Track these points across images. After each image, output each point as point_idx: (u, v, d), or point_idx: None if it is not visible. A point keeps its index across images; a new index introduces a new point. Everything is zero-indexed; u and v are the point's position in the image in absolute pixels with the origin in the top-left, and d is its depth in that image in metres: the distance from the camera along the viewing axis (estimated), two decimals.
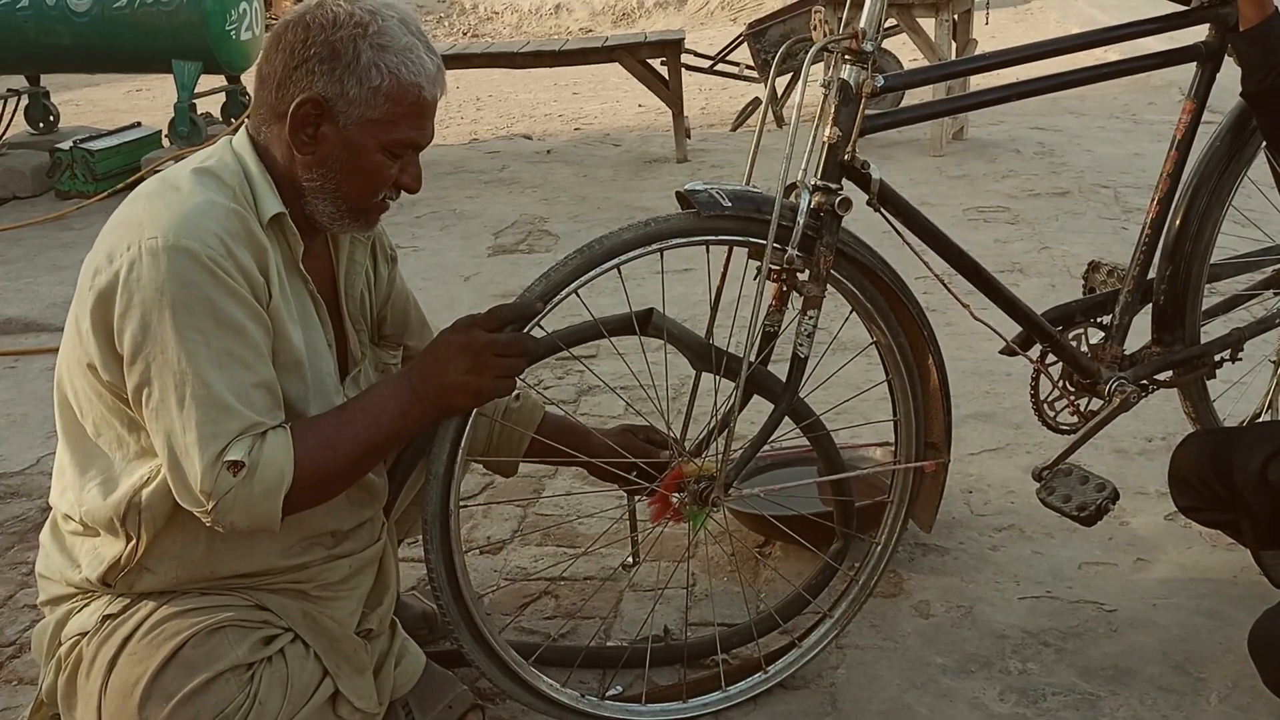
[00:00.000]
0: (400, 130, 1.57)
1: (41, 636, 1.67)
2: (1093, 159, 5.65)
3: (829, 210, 1.73)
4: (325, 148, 1.56)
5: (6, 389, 3.48)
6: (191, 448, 1.45)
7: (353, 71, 1.52)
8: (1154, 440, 2.77)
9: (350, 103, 1.53)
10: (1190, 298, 2.15)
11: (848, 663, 2.03)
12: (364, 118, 1.54)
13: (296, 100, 1.53)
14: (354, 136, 1.55)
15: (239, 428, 1.47)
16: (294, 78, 1.54)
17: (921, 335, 1.89)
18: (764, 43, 6.78)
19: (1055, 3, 11.61)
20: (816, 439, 2.04)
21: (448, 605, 1.72)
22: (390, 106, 1.54)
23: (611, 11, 13.80)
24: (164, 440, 1.47)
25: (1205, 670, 1.98)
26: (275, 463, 1.48)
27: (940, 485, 2.01)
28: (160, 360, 1.45)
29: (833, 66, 1.76)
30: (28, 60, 6.13)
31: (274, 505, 1.48)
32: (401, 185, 1.63)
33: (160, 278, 1.44)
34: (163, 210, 1.49)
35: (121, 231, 1.50)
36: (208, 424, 1.46)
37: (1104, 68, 2.01)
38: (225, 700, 1.51)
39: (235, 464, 1.46)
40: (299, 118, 1.54)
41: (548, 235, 4.86)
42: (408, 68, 1.54)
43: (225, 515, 1.47)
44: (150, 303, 1.44)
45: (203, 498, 1.46)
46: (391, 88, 1.54)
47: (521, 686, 1.81)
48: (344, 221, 1.63)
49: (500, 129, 7.77)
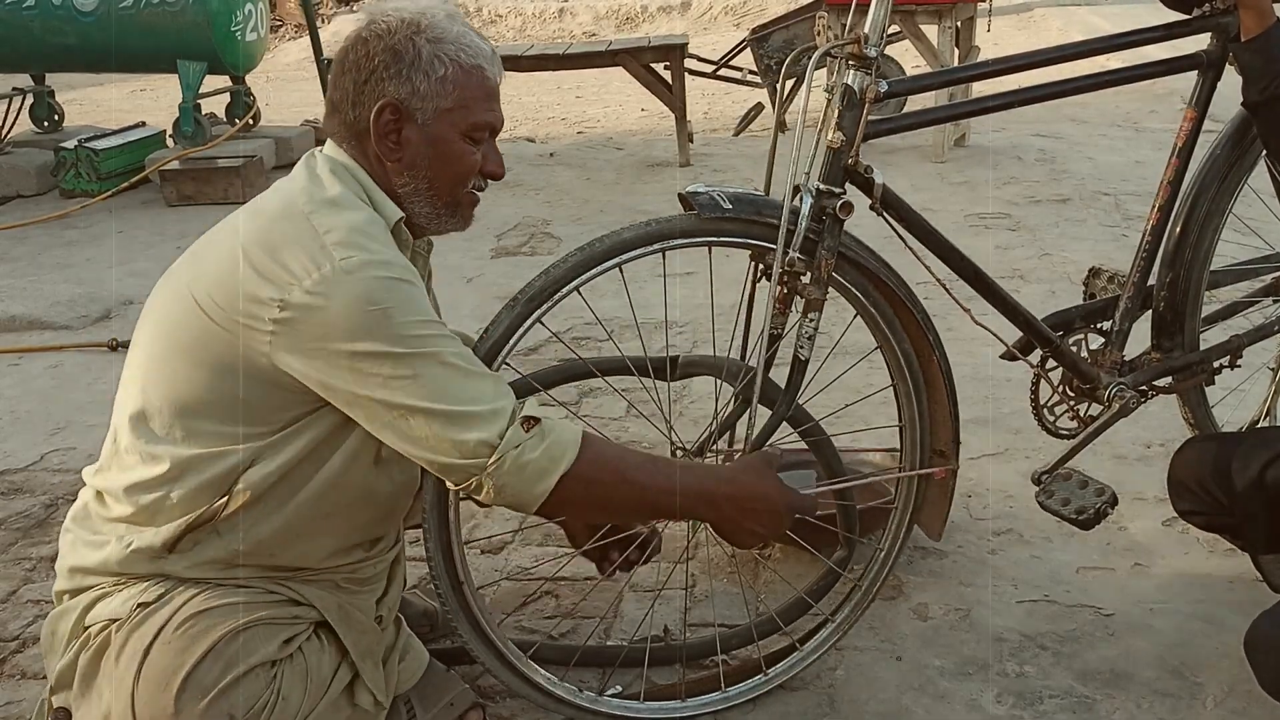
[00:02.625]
0: (475, 113, 1.63)
1: (58, 620, 1.66)
2: (1094, 166, 5.67)
3: (831, 214, 1.74)
4: (411, 149, 1.62)
5: (10, 386, 3.49)
6: (475, 402, 1.49)
7: (417, 68, 1.58)
8: (1153, 446, 2.78)
9: (423, 98, 1.59)
10: (1190, 304, 2.16)
11: (846, 664, 2.04)
12: (439, 109, 1.60)
13: (375, 109, 1.59)
14: (435, 130, 1.61)
15: (493, 387, 1.52)
16: (366, 91, 1.60)
17: (927, 340, 1.89)
18: (767, 48, 6.78)
19: (1057, 10, 11.62)
20: (816, 444, 2.05)
21: (447, 595, 1.73)
22: (460, 92, 1.61)
23: (615, 16, 13.80)
24: (428, 411, 1.48)
25: (1201, 674, 1.99)
26: (564, 439, 1.53)
27: (949, 493, 2.00)
28: (395, 357, 1.48)
29: (836, 72, 1.78)
30: (33, 59, 6.15)
31: (548, 482, 1.51)
32: (487, 172, 1.69)
33: (369, 290, 1.47)
34: (341, 228, 1.52)
35: (298, 250, 1.50)
36: (481, 381, 1.52)
37: (1105, 75, 2.02)
38: (255, 695, 1.54)
39: (531, 419, 1.51)
40: (380, 126, 1.60)
41: (550, 238, 4.87)
42: (466, 53, 1.61)
43: (502, 475, 1.50)
44: (369, 313, 1.47)
45: (486, 449, 1.49)
46: (456, 74, 1.60)
47: (520, 679, 1.82)
48: (442, 219, 1.69)
49: (503, 132, 7.78)
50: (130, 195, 5.77)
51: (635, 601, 2.25)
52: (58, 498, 2.75)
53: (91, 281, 4.42)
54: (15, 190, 5.94)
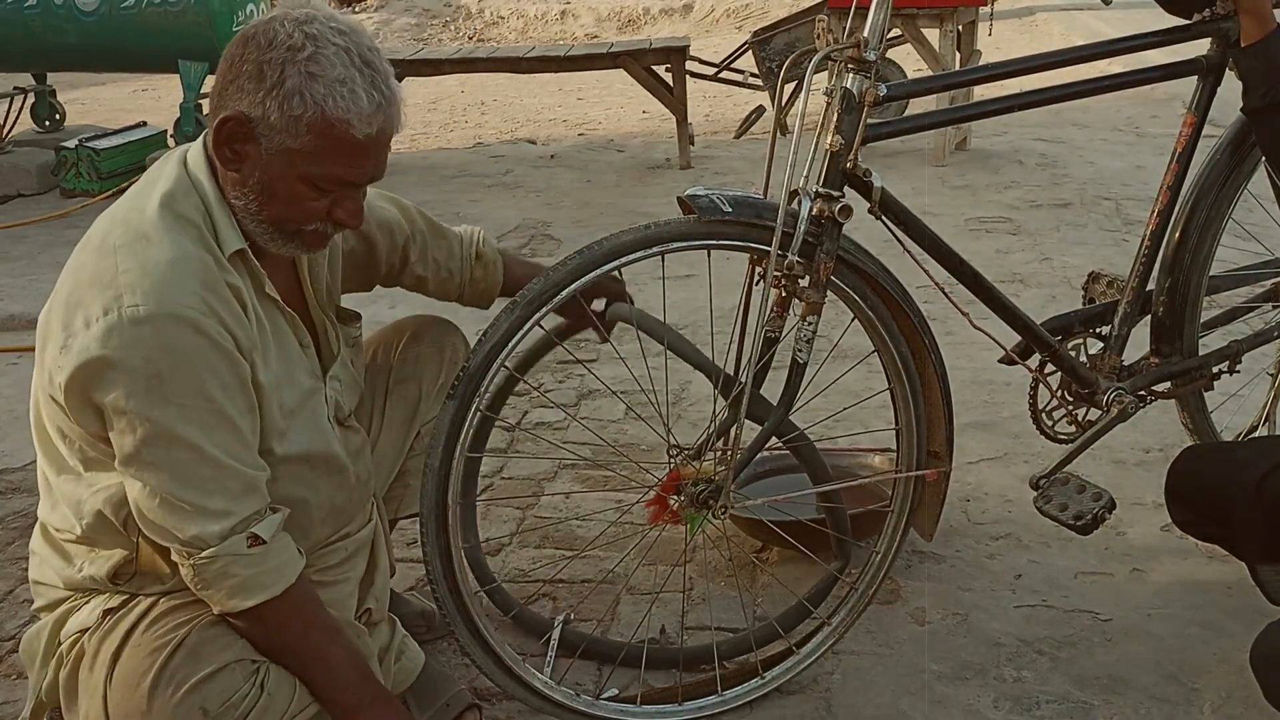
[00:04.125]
0: (323, 165, 1.49)
1: (35, 640, 1.67)
2: (1095, 171, 5.67)
3: (830, 217, 1.74)
4: (247, 167, 1.51)
5: (9, 385, 3.49)
6: (209, 497, 1.46)
7: (275, 96, 1.45)
8: (1151, 451, 2.78)
9: (272, 128, 1.47)
10: (1189, 310, 2.16)
11: (843, 668, 2.04)
12: (284, 146, 1.48)
13: (220, 116, 1.49)
14: (275, 164, 1.49)
15: (239, 486, 1.48)
16: (228, 92, 1.49)
17: (923, 344, 1.89)
18: (768, 51, 6.78)
19: (1059, 15, 11.62)
20: (801, 454, 2.05)
21: (444, 599, 1.73)
22: (313, 139, 1.47)
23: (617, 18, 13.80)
24: (155, 494, 1.46)
25: (1199, 680, 1.99)
26: (279, 572, 1.52)
27: (942, 494, 2.01)
28: (149, 426, 1.43)
29: (836, 75, 1.77)
30: (34, 58, 6.15)
31: (242, 603, 1.50)
32: (335, 220, 1.56)
33: (146, 347, 1.42)
34: (137, 270, 1.44)
35: (96, 291, 1.45)
36: (228, 478, 1.48)
37: (1106, 80, 2.02)
38: (231, 689, 1.50)
39: (256, 538, 1.49)
40: (222, 133, 1.49)
41: (550, 240, 4.87)
42: (335, 101, 1.46)
43: (205, 573, 1.48)
44: (138, 371, 1.42)
45: (197, 545, 1.47)
46: (315, 119, 1.46)
47: (517, 683, 1.82)
48: (278, 244, 1.57)
49: (504, 133, 7.78)
50: None
51: (633, 604, 2.24)
52: None
53: None
54: (16, 189, 5.94)
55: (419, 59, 6.59)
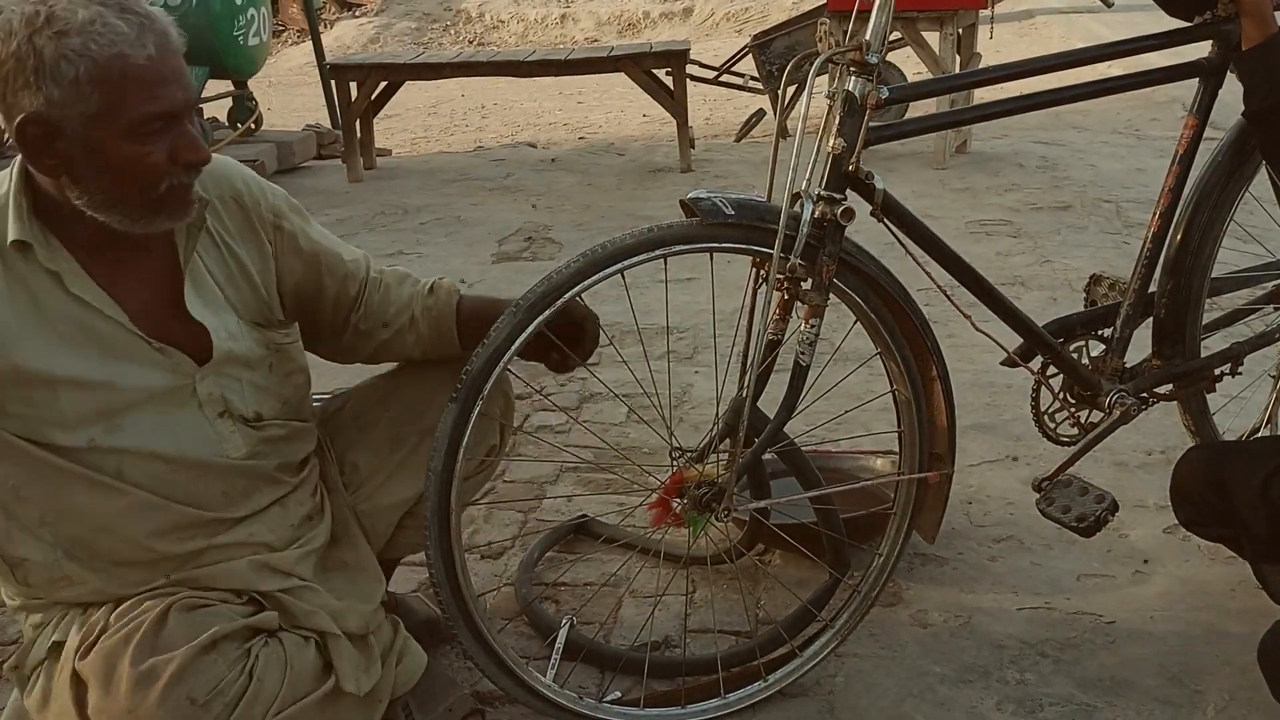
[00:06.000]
0: (128, 110, 1.40)
1: (12, 669, 1.66)
2: (1095, 174, 5.67)
3: (832, 220, 1.74)
4: (72, 163, 1.42)
5: None
6: None
7: (43, 74, 1.37)
8: (1154, 453, 2.78)
9: (61, 107, 1.38)
10: (1191, 312, 2.16)
11: (846, 671, 2.04)
12: (84, 115, 1.39)
13: (15, 127, 1.40)
14: (91, 139, 1.40)
15: None
16: (8, 104, 1.40)
17: (925, 346, 1.90)
18: (769, 54, 6.79)
19: (1059, 18, 11.64)
20: (790, 456, 2.05)
21: (447, 602, 1.73)
22: (102, 91, 1.38)
23: (617, 22, 13.83)
24: None
25: (1202, 682, 1.98)
26: None
27: (944, 496, 2.01)
28: None
29: (837, 78, 1.78)
30: None
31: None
32: (180, 161, 1.46)
33: None
34: None
35: None
36: None
37: (1106, 82, 2.02)
38: (217, 677, 1.45)
39: None
40: (27, 143, 1.41)
41: (551, 243, 4.87)
42: (96, 43, 1.37)
43: None
44: None
45: None
46: (91, 71, 1.37)
47: (520, 686, 1.82)
48: (146, 222, 1.49)
49: (505, 137, 7.79)
50: None
51: (635, 607, 2.24)
52: None
53: None
54: None
55: (419, 63, 6.60)
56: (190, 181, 1.51)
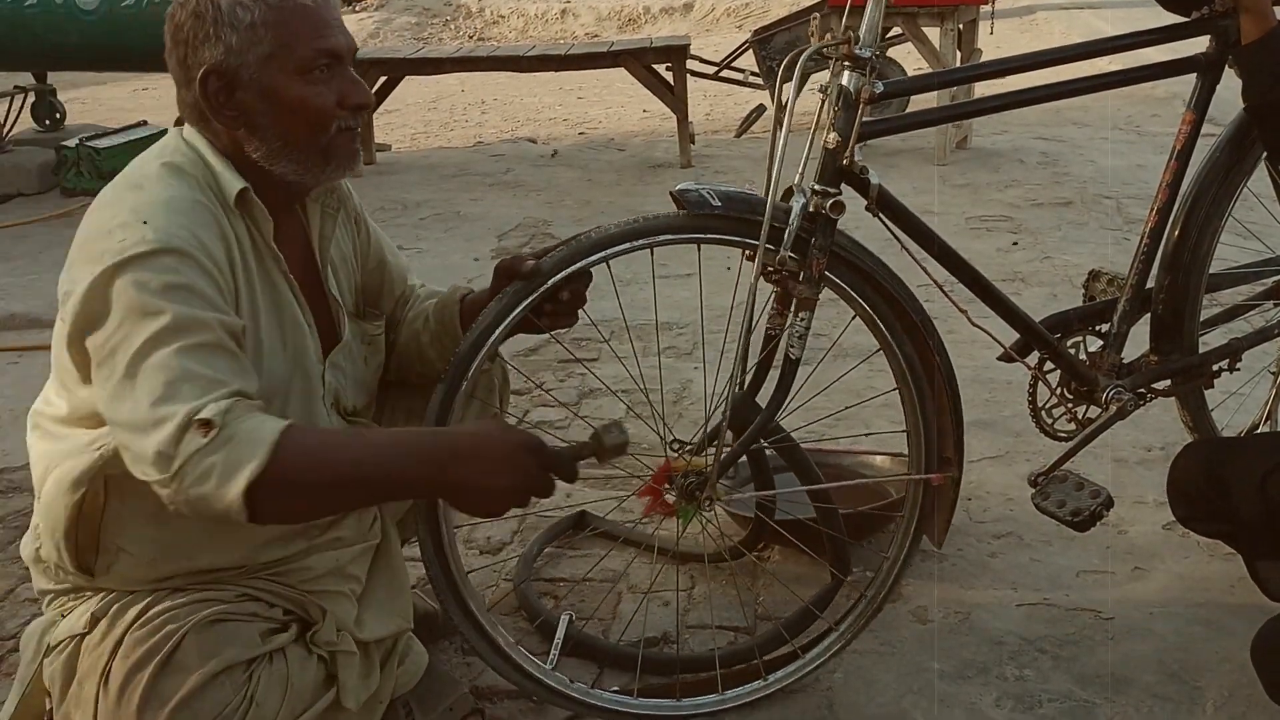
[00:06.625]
0: (302, 47, 1.50)
1: (33, 635, 1.64)
2: (1096, 170, 5.67)
3: (823, 213, 1.74)
4: (251, 111, 1.52)
5: (10, 384, 3.49)
6: (154, 408, 1.36)
7: (222, 23, 1.48)
8: (1152, 450, 2.78)
9: (239, 53, 1.49)
10: (1189, 307, 2.15)
11: (845, 667, 2.04)
12: (261, 58, 1.49)
13: (198, 81, 1.50)
14: (266, 82, 1.50)
15: (202, 390, 1.37)
16: (189, 66, 1.51)
17: (927, 344, 1.88)
18: (769, 49, 6.78)
19: (1059, 14, 11.62)
20: (787, 451, 2.05)
21: (436, 579, 1.75)
22: (276, 32, 1.49)
23: (617, 17, 13.81)
24: (124, 410, 1.38)
25: (1201, 679, 1.98)
26: (251, 438, 1.35)
27: (951, 500, 1.97)
28: (120, 336, 1.39)
29: (831, 72, 1.77)
30: (35, 57, 6.15)
31: (234, 492, 1.34)
32: (348, 104, 1.55)
33: (134, 277, 1.39)
34: (128, 214, 1.44)
35: (94, 241, 1.44)
36: (171, 385, 1.37)
37: (1105, 77, 2.02)
38: (221, 704, 1.45)
39: (205, 423, 1.34)
40: (210, 97, 1.51)
41: (551, 238, 4.87)
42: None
43: (186, 485, 1.35)
44: (119, 298, 1.39)
45: (164, 460, 1.34)
46: (265, 14, 1.49)
47: (511, 666, 1.83)
48: (317, 172, 1.57)
49: (505, 132, 7.78)
50: None
51: (632, 602, 2.24)
52: None
53: None
54: (16, 189, 5.94)
55: (420, 58, 6.59)
56: (356, 126, 1.59)
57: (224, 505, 1.36)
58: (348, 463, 1.42)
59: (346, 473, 1.42)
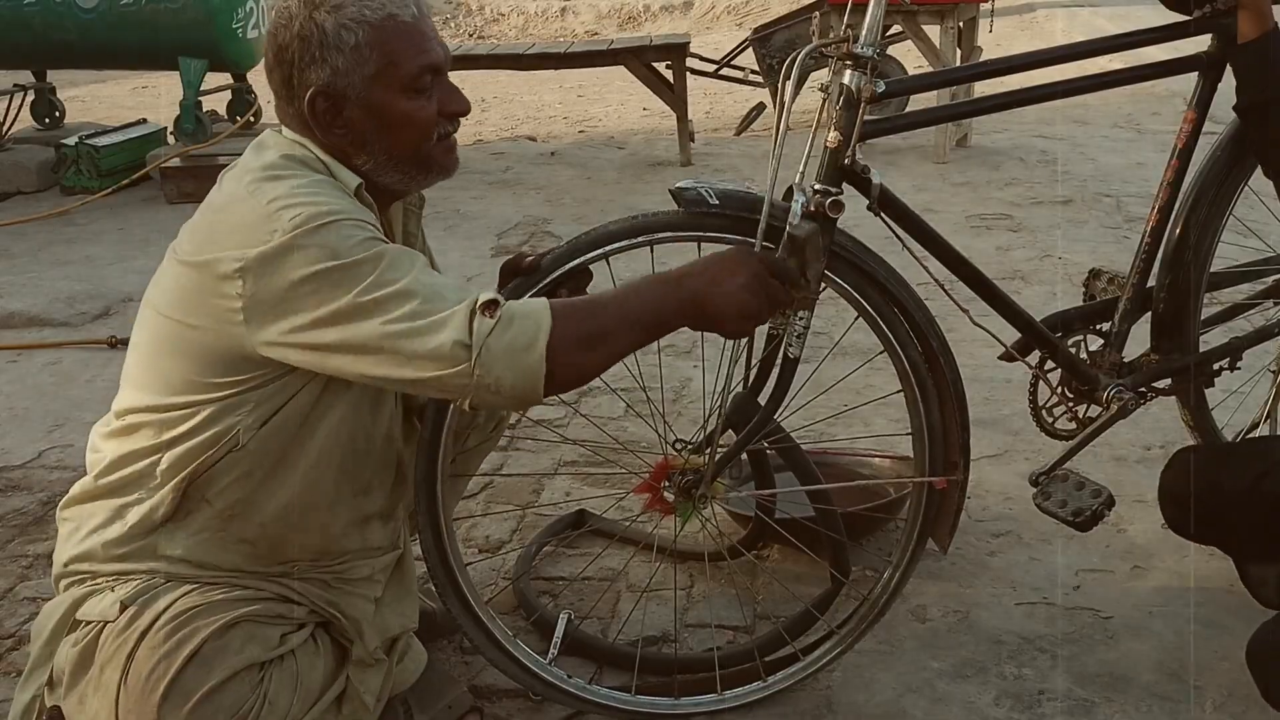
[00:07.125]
0: (406, 65, 1.55)
1: (49, 616, 1.64)
2: (1096, 168, 5.66)
3: (821, 212, 1.74)
4: (358, 128, 1.56)
5: (9, 383, 3.49)
6: (431, 315, 1.42)
7: (328, 46, 1.52)
8: (1153, 449, 2.78)
9: (346, 74, 1.53)
10: (1189, 306, 2.15)
11: (844, 665, 2.03)
12: (366, 78, 1.54)
13: (306, 102, 1.55)
14: (373, 100, 1.55)
15: (457, 289, 1.46)
16: (294, 85, 1.56)
17: (929, 345, 1.86)
18: (769, 48, 6.77)
19: (1060, 12, 11.62)
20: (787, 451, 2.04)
21: (434, 570, 1.76)
22: (379, 51, 1.54)
23: (617, 15, 13.80)
24: (400, 329, 1.42)
25: (1201, 678, 1.98)
26: (528, 310, 1.45)
27: (957, 504, 1.94)
28: (349, 286, 1.42)
29: (832, 71, 1.77)
30: (34, 55, 6.14)
31: (536, 355, 1.42)
32: (449, 114, 1.62)
33: (330, 239, 1.43)
34: (286, 196, 1.47)
35: (250, 227, 1.46)
36: (433, 292, 1.44)
37: (1106, 76, 2.01)
38: (240, 701, 1.50)
39: (490, 304, 1.43)
40: (318, 117, 1.56)
41: (551, 237, 4.87)
42: (369, 8, 1.53)
43: (489, 369, 1.41)
44: (324, 247, 1.43)
45: (463, 349, 1.40)
46: (369, 35, 1.53)
47: (508, 659, 1.83)
48: (420, 178, 1.64)
49: (505, 130, 7.77)
50: (131, 192, 5.76)
51: (632, 601, 2.24)
52: (55, 495, 2.74)
53: (91, 278, 4.42)
54: (16, 187, 5.93)
55: None
56: (454, 132, 1.65)
57: (526, 373, 1.43)
58: (614, 309, 1.52)
59: (616, 316, 1.51)
